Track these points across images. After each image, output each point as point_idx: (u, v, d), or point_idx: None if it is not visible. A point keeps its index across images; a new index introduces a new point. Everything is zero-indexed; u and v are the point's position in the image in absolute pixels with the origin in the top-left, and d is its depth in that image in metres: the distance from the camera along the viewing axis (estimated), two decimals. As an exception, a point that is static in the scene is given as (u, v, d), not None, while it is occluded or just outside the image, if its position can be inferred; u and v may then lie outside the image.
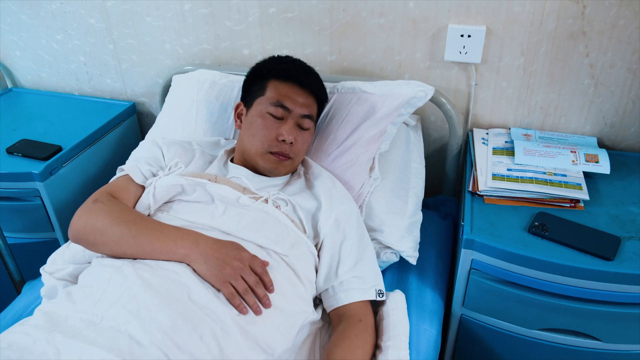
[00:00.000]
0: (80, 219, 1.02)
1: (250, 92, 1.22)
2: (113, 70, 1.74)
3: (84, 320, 0.84)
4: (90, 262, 1.05)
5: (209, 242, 0.96)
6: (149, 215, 1.07)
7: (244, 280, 0.92)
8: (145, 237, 0.97)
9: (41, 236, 1.53)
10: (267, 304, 0.93)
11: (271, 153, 1.15)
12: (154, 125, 1.51)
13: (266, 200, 1.09)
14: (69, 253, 1.11)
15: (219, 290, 0.91)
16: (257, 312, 0.92)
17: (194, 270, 0.94)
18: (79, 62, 1.76)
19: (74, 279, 1.07)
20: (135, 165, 1.14)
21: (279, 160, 1.16)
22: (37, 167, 1.41)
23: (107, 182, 1.14)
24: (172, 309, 0.86)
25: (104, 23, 1.64)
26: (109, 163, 1.65)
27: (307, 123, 1.19)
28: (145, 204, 1.08)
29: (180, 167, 1.14)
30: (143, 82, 1.74)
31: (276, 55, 1.27)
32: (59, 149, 1.49)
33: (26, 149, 1.48)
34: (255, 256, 0.97)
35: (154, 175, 1.13)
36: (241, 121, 1.23)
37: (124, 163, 1.26)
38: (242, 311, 0.90)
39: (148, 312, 0.85)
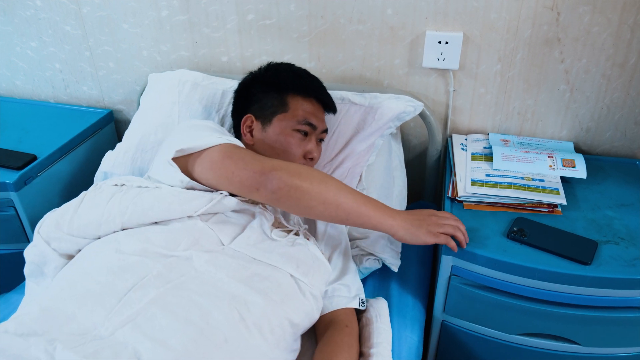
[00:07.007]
0: (312, 171, 1.01)
1: (266, 106, 1.19)
2: (90, 78, 1.72)
3: (88, 330, 0.81)
4: (100, 237, 1.00)
5: (402, 213, 1.05)
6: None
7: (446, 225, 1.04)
8: (364, 206, 1.01)
9: (15, 247, 1.49)
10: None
11: None
12: (130, 126, 1.47)
13: (297, 233, 1.09)
14: (79, 222, 1.02)
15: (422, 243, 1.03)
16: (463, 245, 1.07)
17: (398, 238, 1.03)
18: (54, 69, 1.73)
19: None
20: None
21: None
22: (10, 176, 1.38)
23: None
24: (186, 335, 0.82)
25: (80, 30, 1.62)
26: (85, 172, 1.62)
27: (324, 136, 1.25)
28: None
29: None
30: (121, 89, 1.72)
31: (283, 63, 1.27)
32: (34, 157, 1.46)
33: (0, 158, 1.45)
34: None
35: None
36: (252, 135, 1.20)
37: (101, 172, 1.23)
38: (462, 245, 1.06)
39: (162, 335, 0.81)
